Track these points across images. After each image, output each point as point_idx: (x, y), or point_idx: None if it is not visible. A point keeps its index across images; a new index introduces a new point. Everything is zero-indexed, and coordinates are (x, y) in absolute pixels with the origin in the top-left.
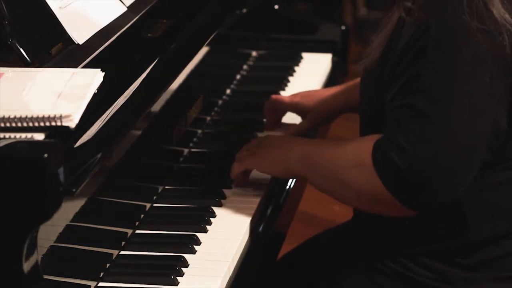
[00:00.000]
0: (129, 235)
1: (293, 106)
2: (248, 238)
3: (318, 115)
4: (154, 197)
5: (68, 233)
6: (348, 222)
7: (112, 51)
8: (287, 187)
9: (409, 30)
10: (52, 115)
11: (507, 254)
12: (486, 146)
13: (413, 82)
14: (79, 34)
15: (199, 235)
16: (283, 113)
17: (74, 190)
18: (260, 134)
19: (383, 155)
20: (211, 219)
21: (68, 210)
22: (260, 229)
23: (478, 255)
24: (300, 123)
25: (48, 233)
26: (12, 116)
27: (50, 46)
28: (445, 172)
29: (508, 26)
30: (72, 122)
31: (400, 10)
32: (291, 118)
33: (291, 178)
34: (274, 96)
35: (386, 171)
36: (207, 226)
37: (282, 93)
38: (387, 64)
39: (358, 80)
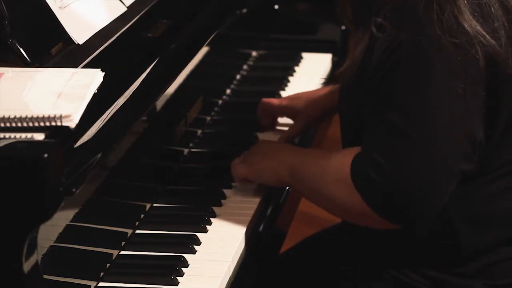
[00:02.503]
0: (129, 235)
1: (282, 109)
2: (248, 238)
3: (307, 116)
4: (154, 197)
5: (68, 233)
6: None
7: (112, 51)
8: (287, 187)
9: (381, 46)
10: (52, 115)
11: (503, 260)
12: (463, 158)
13: (388, 97)
14: (79, 34)
15: (199, 235)
16: (276, 116)
17: (74, 190)
18: (260, 134)
19: (361, 172)
20: (211, 219)
21: (68, 210)
22: (260, 229)
23: (474, 263)
24: (291, 127)
25: (48, 233)
26: (12, 116)
27: (50, 46)
28: (423, 187)
29: (480, 38)
30: (72, 122)
31: (372, 26)
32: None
33: (282, 186)
34: (264, 100)
35: (364, 187)
36: (207, 226)
37: (282, 93)
38: (362, 82)
39: None
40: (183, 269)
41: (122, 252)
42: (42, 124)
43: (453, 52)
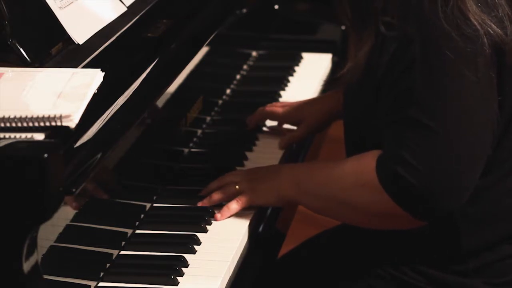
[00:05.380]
0: (129, 235)
1: (286, 117)
2: (248, 238)
3: (311, 123)
4: (154, 197)
5: (68, 233)
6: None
7: (112, 51)
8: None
9: (390, 46)
10: (52, 115)
11: (503, 259)
12: (487, 143)
13: (406, 95)
14: (79, 34)
15: (199, 235)
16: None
17: (74, 190)
18: (259, 134)
19: (388, 171)
20: (211, 219)
21: (68, 210)
22: (260, 229)
23: (474, 261)
24: (296, 130)
25: (48, 233)
26: (12, 116)
27: (50, 46)
28: (455, 178)
29: (487, 27)
30: (72, 122)
31: (380, 26)
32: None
33: (284, 205)
34: (267, 109)
35: (394, 187)
36: (207, 226)
37: (282, 93)
38: (369, 83)
39: None
40: (183, 269)
41: (122, 252)
42: (42, 124)
43: (462, 43)
